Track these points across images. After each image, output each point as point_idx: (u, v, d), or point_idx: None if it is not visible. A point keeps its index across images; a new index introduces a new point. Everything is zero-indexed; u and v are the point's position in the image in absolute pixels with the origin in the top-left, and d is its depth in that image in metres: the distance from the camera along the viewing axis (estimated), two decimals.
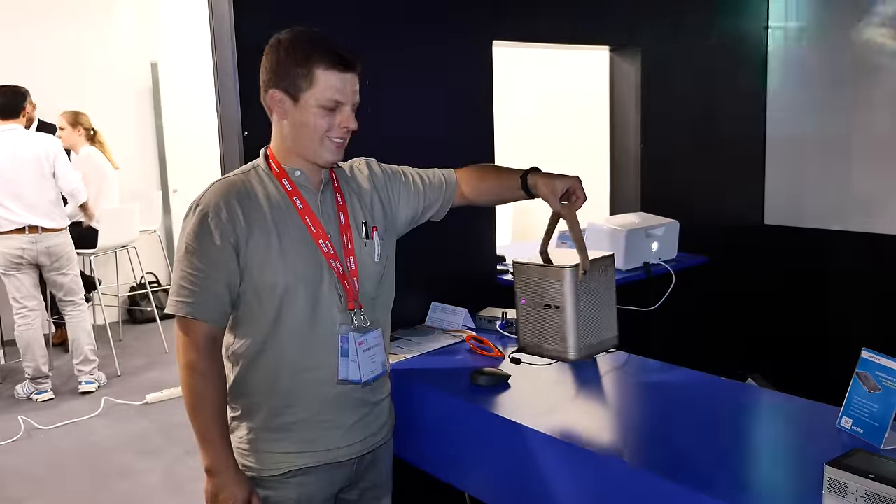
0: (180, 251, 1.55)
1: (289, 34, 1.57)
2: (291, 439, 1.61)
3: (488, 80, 2.78)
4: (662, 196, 3.56)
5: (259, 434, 1.62)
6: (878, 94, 3.89)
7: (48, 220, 4.33)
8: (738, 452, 1.58)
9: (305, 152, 1.59)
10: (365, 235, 1.68)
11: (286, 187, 1.60)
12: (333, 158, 1.60)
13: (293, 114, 1.56)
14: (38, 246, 4.31)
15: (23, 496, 3.35)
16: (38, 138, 4.48)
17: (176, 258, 1.56)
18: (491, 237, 2.87)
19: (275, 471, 1.62)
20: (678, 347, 2.52)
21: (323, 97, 1.53)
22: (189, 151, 6.16)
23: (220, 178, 1.64)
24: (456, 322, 2.47)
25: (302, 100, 1.53)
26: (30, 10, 5.61)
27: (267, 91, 1.57)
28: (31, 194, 4.28)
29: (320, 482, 1.65)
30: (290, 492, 1.62)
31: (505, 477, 1.80)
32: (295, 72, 1.52)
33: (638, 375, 2.06)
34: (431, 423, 1.98)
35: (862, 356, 1.57)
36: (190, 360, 1.53)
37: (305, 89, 1.53)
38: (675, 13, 3.64)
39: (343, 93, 1.54)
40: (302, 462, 1.62)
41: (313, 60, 1.52)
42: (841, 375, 1.69)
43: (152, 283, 5.95)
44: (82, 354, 4.56)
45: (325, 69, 1.52)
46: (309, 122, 1.55)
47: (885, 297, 3.81)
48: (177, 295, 1.53)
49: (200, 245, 1.52)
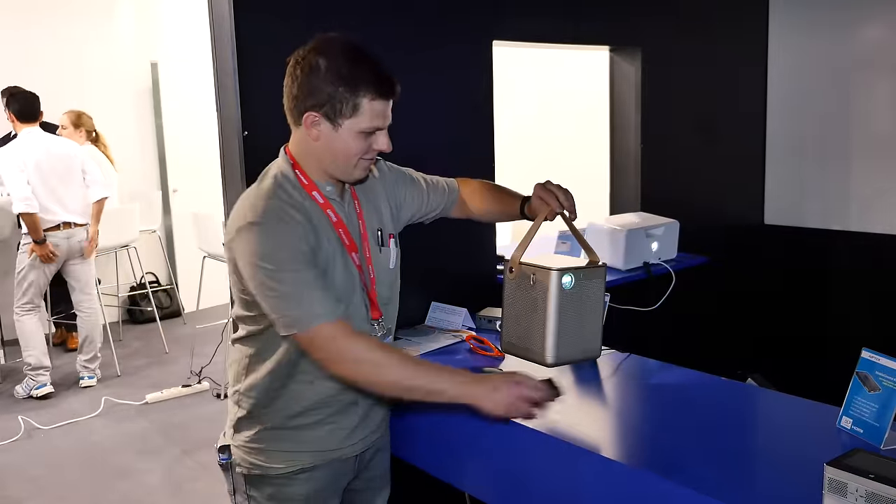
0: (256, 276, 1.44)
1: (329, 52, 1.46)
2: (300, 439, 1.62)
3: (488, 80, 2.78)
4: (662, 196, 3.57)
5: (268, 433, 1.62)
6: (878, 95, 3.89)
7: (80, 216, 4.52)
8: (738, 452, 1.58)
9: (335, 172, 1.55)
10: (380, 242, 1.67)
11: (318, 200, 1.56)
12: (363, 176, 1.59)
13: (328, 136, 1.49)
14: (70, 241, 4.49)
15: (23, 496, 3.35)
16: (61, 139, 4.68)
17: (255, 284, 1.45)
18: (491, 237, 2.87)
19: (283, 468, 1.62)
20: (678, 347, 2.53)
21: (365, 125, 1.48)
22: (189, 151, 6.16)
23: (251, 192, 1.53)
24: (456, 322, 2.47)
25: (342, 126, 1.48)
26: (30, 10, 5.61)
27: (302, 112, 1.48)
28: (64, 191, 4.46)
29: (327, 478, 1.66)
30: (299, 488, 1.63)
31: (504, 477, 1.80)
32: (338, 98, 1.45)
33: (638, 375, 2.06)
34: (431, 423, 1.98)
35: (862, 356, 1.57)
36: (345, 364, 1.46)
37: (348, 117, 1.47)
38: (675, 13, 3.65)
39: (384, 117, 1.51)
40: (311, 461, 1.63)
41: (360, 90, 1.45)
42: (841, 375, 1.69)
43: (152, 283, 5.95)
44: (93, 351, 4.66)
45: (371, 99, 1.46)
46: (346, 147, 1.50)
47: (885, 297, 3.81)
48: (282, 315, 1.45)
49: (281, 258, 1.44)
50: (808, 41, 4.05)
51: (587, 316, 1.76)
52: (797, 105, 4.11)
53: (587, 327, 1.77)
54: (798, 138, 4.12)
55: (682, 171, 3.75)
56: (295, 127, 1.55)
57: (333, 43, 1.48)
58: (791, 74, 4.12)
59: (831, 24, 3.97)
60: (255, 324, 1.57)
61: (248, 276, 1.47)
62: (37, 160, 4.35)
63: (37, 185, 4.32)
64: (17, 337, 4.52)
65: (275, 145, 2.24)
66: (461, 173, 1.96)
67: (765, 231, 4.25)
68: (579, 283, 1.70)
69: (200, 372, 4.54)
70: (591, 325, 1.78)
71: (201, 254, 5.17)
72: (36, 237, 4.31)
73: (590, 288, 1.74)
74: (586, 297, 1.75)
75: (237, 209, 1.52)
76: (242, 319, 1.60)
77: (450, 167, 1.89)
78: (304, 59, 1.48)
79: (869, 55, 3.87)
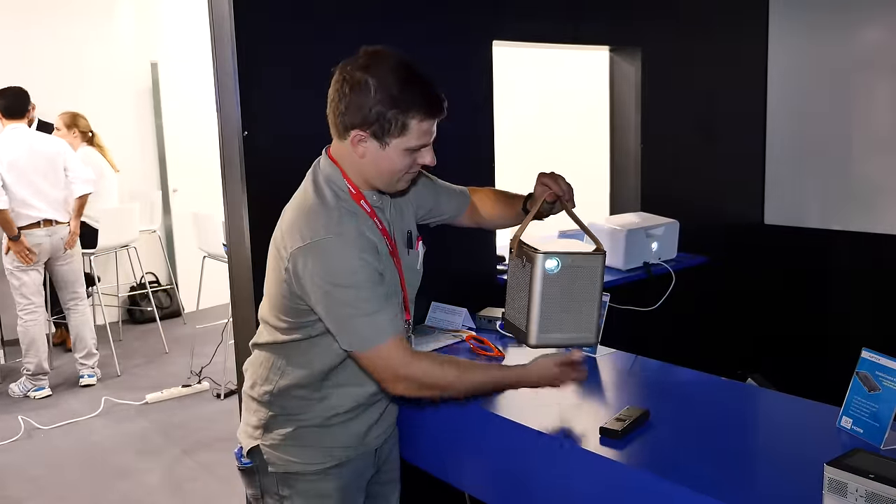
0: (331, 293, 1.46)
1: (379, 71, 1.45)
2: (336, 434, 1.64)
3: (488, 79, 2.78)
4: (662, 196, 3.56)
5: (305, 431, 1.63)
6: (878, 94, 3.89)
7: (61, 213, 4.50)
8: (738, 452, 1.58)
9: (379, 185, 1.56)
10: (409, 244, 1.69)
11: (366, 209, 1.56)
12: (405, 188, 1.61)
13: (375, 154, 1.49)
14: (52, 238, 4.46)
15: (23, 496, 3.35)
16: (46, 136, 4.65)
17: (327, 302, 1.47)
18: (491, 237, 2.87)
19: (318, 465, 1.63)
20: (678, 347, 2.52)
21: (413, 144, 1.49)
22: (189, 151, 6.16)
23: (312, 202, 1.52)
24: (456, 322, 2.47)
25: (390, 145, 1.48)
26: (30, 10, 5.61)
27: (348, 129, 1.48)
28: (46, 188, 4.44)
29: (355, 472, 1.69)
30: (334, 482, 1.65)
31: (504, 476, 1.80)
32: (387, 118, 1.44)
33: (638, 375, 2.06)
34: (431, 423, 1.98)
35: (862, 356, 1.57)
36: (415, 375, 1.51)
37: (396, 136, 1.47)
38: (675, 13, 3.64)
39: (430, 135, 1.51)
40: (345, 455, 1.65)
41: (411, 111, 1.45)
42: (841, 375, 1.69)
43: (152, 283, 5.95)
44: (86, 349, 4.66)
45: (420, 120, 1.47)
46: (392, 164, 1.50)
47: (885, 297, 3.81)
48: (355, 334, 1.48)
49: (358, 278, 1.46)
50: (807, 42, 4.05)
51: (579, 302, 1.71)
52: (797, 105, 4.11)
53: (581, 314, 1.72)
54: (798, 138, 4.12)
55: (682, 171, 3.75)
56: (339, 139, 1.54)
57: (383, 61, 1.46)
58: (791, 75, 4.12)
59: (831, 25, 3.97)
60: (298, 333, 1.56)
61: (318, 293, 1.46)
62: (16, 157, 4.33)
63: (14, 182, 4.30)
64: (18, 337, 4.52)
65: (275, 145, 2.25)
66: (461, 173, 1.96)
67: (765, 231, 4.25)
68: (567, 268, 1.67)
69: (200, 372, 4.54)
70: (585, 312, 1.72)
71: (201, 254, 5.17)
72: (9, 233, 4.31)
73: (582, 274, 1.70)
74: (578, 282, 1.71)
75: (300, 219, 1.50)
76: (284, 329, 1.58)
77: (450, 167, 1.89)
78: (353, 77, 1.45)
79: (868, 56, 3.87)
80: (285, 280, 1.50)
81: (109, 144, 5.33)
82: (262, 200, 2.15)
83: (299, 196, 1.57)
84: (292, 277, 1.48)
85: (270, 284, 1.58)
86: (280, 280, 1.52)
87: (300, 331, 1.56)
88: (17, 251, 4.33)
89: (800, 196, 4.16)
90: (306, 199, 1.53)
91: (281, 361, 1.61)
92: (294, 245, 1.47)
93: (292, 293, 1.51)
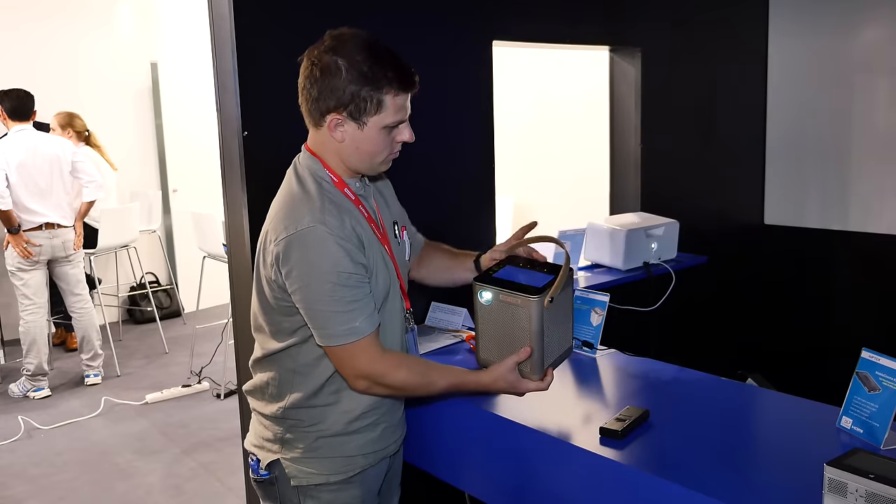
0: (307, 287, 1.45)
1: (346, 50, 1.44)
2: (358, 442, 1.61)
3: (488, 80, 2.78)
4: (662, 196, 3.57)
5: (326, 441, 1.59)
6: (878, 95, 3.89)
7: (65, 217, 4.51)
8: (737, 452, 1.58)
9: (361, 168, 1.55)
10: (395, 234, 1.68)
11: (350, 196, 1.55)
12: (387, 169, 1.59)
13: (354, 136, 1.49)
14: (54, 241, 4.47)
15: (23, 496, 3.35)
16: (52, 138, 4.65)
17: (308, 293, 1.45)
18: (491, 237, 2.87)
19: (341, 475, 1.60)
20: (678, 347, 2.53)
21: (390, 120, 1.48)
22: (189, 151, 6.17)
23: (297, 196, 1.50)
24: (456, 322, 2.47)
25: (367, 124, 1.47)
26: (30, 10, 5.62)
27: (324, 114, 1.47)
28: (50, 191, 4.45)
29: (376, 478, 1.68)
30: (355, 490, 1.63)
31: (504, 476, 1.80)
32: (361, 96, 1.44)
33: (638, 375, 2.06)
34: (431, 423, 1.97)
35: (862, 356, 1.57)
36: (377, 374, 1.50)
37: (373, 114, 1.46)
38: (675, 13, 3.65)
39: (406, 109, 1.50)
40: (366, 462, 1.63)
41: (383, 87, 1.44)
42: (841, 375, 1.70)
43: (152, 283, 5.95)
44: (92, 350, 4.67)
45: (394, 95, 1.46)
46: (373, 144, 1.49)
47: (885, 297, 3.81)
48: (329, 328, 1.46)
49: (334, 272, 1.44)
50: (807, 42, 4.06)
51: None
52: (797, 105, 4.11)
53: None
54: (798, 138, 4.13)
55: (682, 171, 3.75)
56: (315, 128, 1.53)
57: (348, 40, 1.46)
58: (791, 75, 4.12)
59: (831, 26, 3.97)
60: (293, 337, 1.54)
61: (297, 283, 1.45)
62: (22, 159, 4.34)
63: (18, 184, 4.32)
64: (19, 337, 4.52)
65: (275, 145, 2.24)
66: (461, 174, 1.96)
67: (765, 231, 4.25)
68: (499, 302, 1.58)
69: (200, 372, 4.54)
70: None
71: (201, 254, 5.16)
72: (9, 227, 4.32)
73: (518, 311, 1.56)
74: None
75: (284, 209, 1.49)
76: (277, 333, 1.56)
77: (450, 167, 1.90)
78: (321, 60, 1.45)
79: (868, 56, 3.87)
80: (273, 274, 1.48)
81: (109, 144, 5.33)
82: (262, 200, 2.15)
83: (283, 190, 1.56)
84: (279, 267, 1.46)
85: (259, 288, 1.56)
86: (269, 278, 1.50)
87: (294, 335, 1.54)
88: (17, 244, 4.34)
89: (800, 196, 4.16)
90: (290, 192, 1.52)
91: (286, 374, 1.58)
92: (279, 235, 1.46)
93: (279, 286, 1.49)
